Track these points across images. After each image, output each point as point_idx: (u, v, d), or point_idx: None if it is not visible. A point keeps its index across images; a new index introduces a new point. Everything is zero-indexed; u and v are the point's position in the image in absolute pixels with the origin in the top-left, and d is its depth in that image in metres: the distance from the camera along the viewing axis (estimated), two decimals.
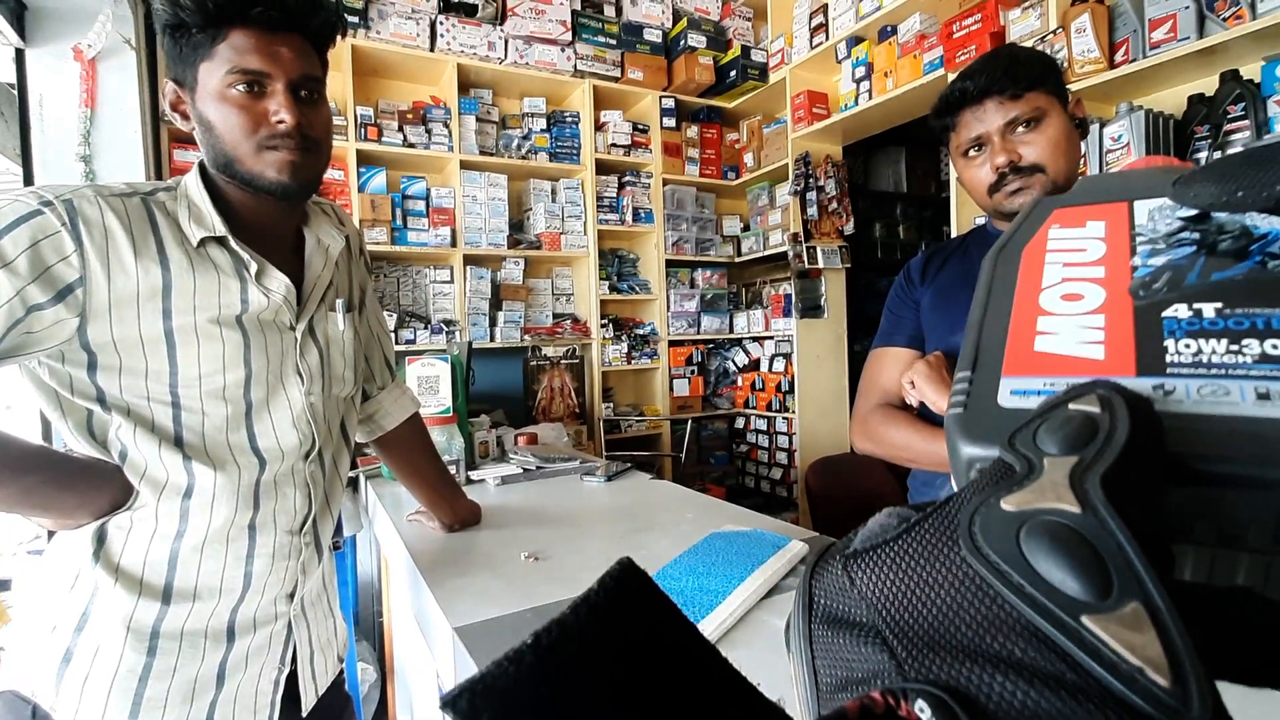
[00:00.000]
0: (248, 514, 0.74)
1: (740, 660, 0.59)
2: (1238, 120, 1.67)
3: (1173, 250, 0.23)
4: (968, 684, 0.14)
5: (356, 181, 2.73)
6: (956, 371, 0.24)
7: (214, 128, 0.70)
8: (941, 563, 0.16)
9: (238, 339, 0.73)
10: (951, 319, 1.00)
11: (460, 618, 0.78)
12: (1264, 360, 0.19)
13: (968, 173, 0.95)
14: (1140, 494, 0.16)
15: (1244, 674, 0.16)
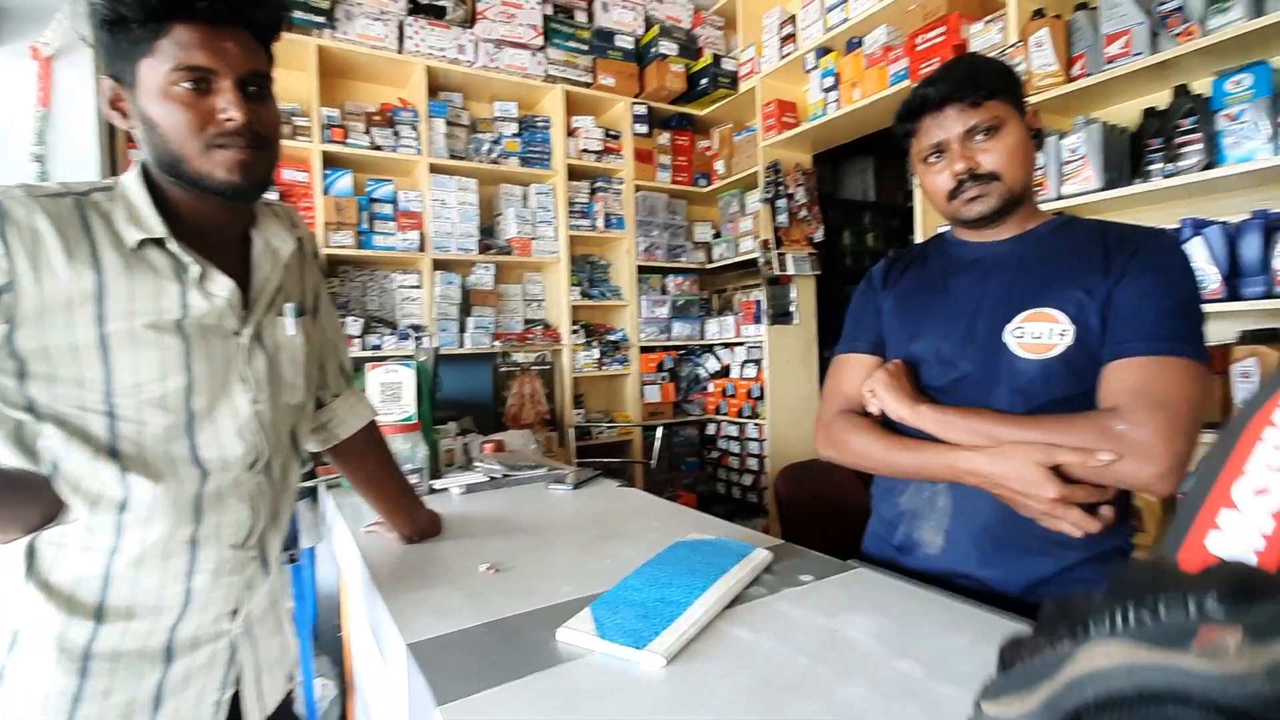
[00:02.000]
0: (188, 528, 0.71)
1: (701, 672, 0.57)
2: (1189, 133, 1.72)
3: None
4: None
5: (321, 184, 2.67)
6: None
7: (157, 126, 0.68)
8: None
9: (178, 345, 0.70)
10: (911, 325, 0.99)
11: (415, 633, 0.75)
12: None
13: (927, 178, 0.94)
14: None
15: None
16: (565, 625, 0.73)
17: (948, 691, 0.60)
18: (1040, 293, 0.87)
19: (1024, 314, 0.87)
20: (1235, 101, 1.65)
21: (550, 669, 0.65)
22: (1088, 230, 0.91)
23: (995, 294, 0.91)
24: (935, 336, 0.95)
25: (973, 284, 0.94)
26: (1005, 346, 0.87)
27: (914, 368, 0.96)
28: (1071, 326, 0.83)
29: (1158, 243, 0.85)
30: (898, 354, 0.99)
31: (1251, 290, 1.63)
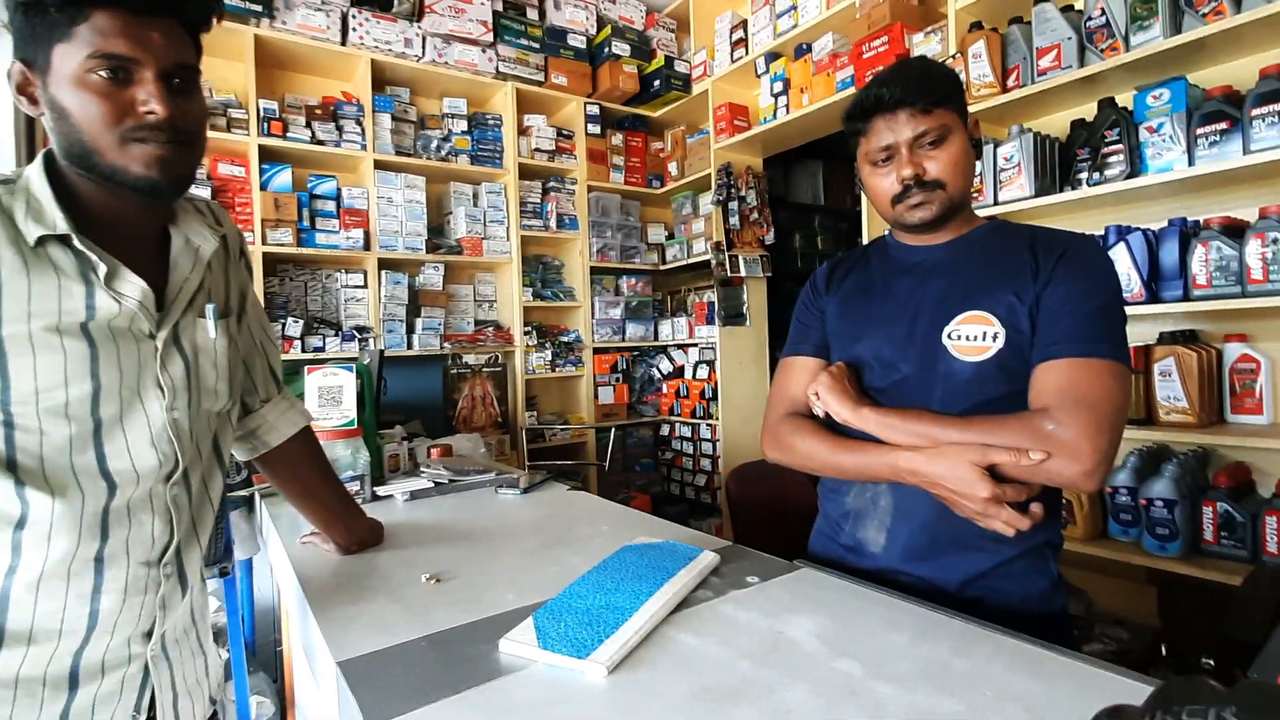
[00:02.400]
0: (93, 545, 0.66)
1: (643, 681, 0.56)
2: (1114, 144, 1.81)
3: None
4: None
5: (258, 178, 2.56)
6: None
7: (69, 116, 0.63)
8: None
9: (82, 349, 0.65)
10: (853, 328, 1.00)
11: (347, 650, 0.72)
12: None
13: (873, 180, 0.95)
14: None
15: None
16: (506, 636, 0.71)
17: (887, 690, 0.60)
18: (974, 296, 0.89)
19: (960, 317, 0.89)
20: (1155, 115, 1.75)
21: (489, 682, 0.63)
22: (1017, 235, 0.93)
23: (933, 297, 0.93)
24: (876, 339, 0.96)
25: (912, 287, 0.96)
26: (943, 348, 0.89)
27: (857, 369, 0.98)
28: (1003, 329, 0.86)
29: (1081, 247, 0.88)
30: (841, 356, 1.01)
31: (1170, 294, 1.73)
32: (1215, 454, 1.81)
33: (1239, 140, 1.61)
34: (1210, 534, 1.66)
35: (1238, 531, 1.62)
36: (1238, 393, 1.74)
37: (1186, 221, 1.75)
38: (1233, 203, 1.78)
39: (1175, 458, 1.73)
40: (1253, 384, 1.72)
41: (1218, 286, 1.65)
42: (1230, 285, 1.63)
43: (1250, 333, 1.76)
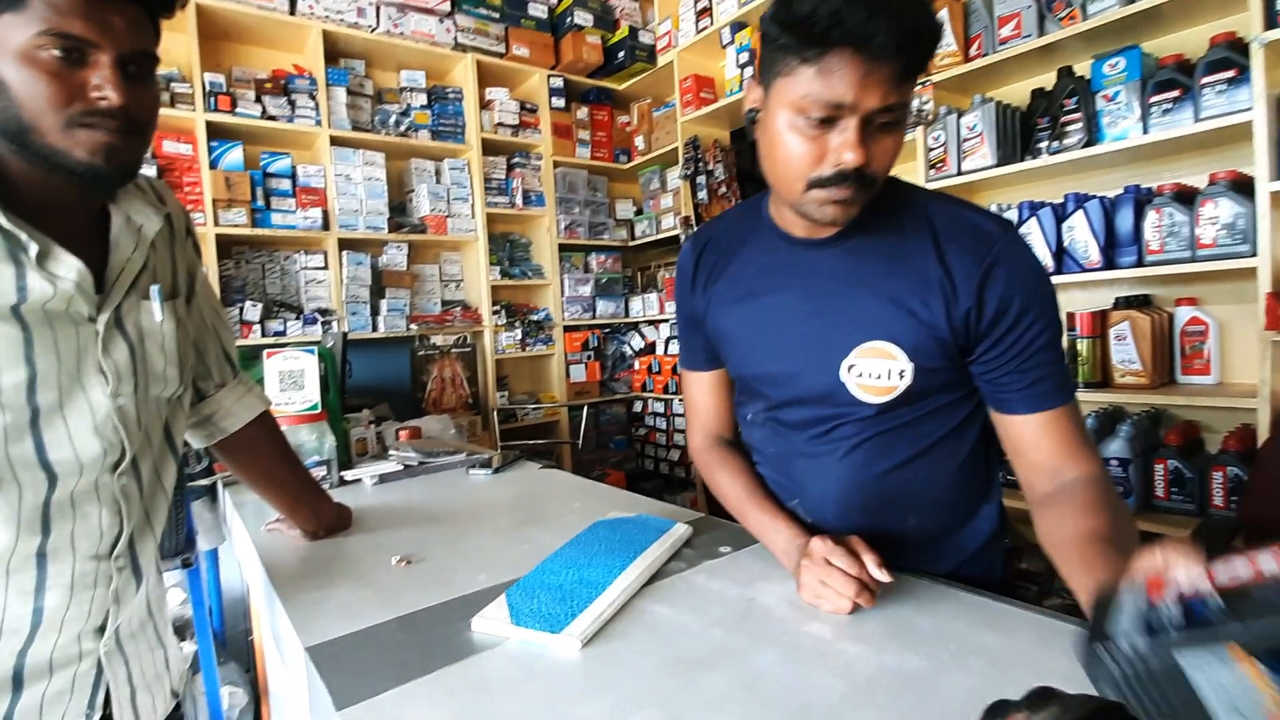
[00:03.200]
0: (34, 540, 0.63)
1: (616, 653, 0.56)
2: (1072, 113, 1.84)
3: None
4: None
5: (207, 156, 2.45)
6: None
7: (9, 90, 0.59)
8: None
9: (15, 334, 0.61)
10: (740, 344, 0.87)
11: (315, 635, 0.71)
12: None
13: (787, 140, 0.67)
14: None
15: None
16: (479, 614, 0.70)
17: (857, 650, 0.61)
18: (876, 321, 0.75)
19: (860, 348, 0.76)
20: (1112, 83, 1.77)
21: (461, 661, 0.63)
22: (914, 226, 0.75)
23: (826, 315, 0.78)
24: (767, 361, 0.84)
25: (799, 295, 0.80)
26: (842, 385, 0.77)
27: (746, 387, 0.91)
28: (909, 365, 0.74)
29: (1011, 253, 0.71)
30: (732, 372, 0.92)
31: (1125, 259, 1.77)
32: (1166, 413, 1.88)
33: (1190, 108, 1.64)
34: (1161, 490, 1.73)
35: (1187, 487, 1.70)
36: (1187, 354, 1.81)
37: (1140, 188, 1.79)
38: (1185, 169, 1.83)
39: (1130, 418, 1.79)
40: (1201, 345, 1.78)
41: (1169, 251, 1.70)
42: (1181, 250, 1.68)
43: (1200, 296, 1.82)
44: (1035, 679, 0.55)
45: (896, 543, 0.80)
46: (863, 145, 0.64)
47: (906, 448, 0.80)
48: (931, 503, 0.83)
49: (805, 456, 0.85)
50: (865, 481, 0.81)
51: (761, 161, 0.74)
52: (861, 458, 0.80)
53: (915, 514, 0.82)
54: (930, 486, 0.82)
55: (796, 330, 0.80)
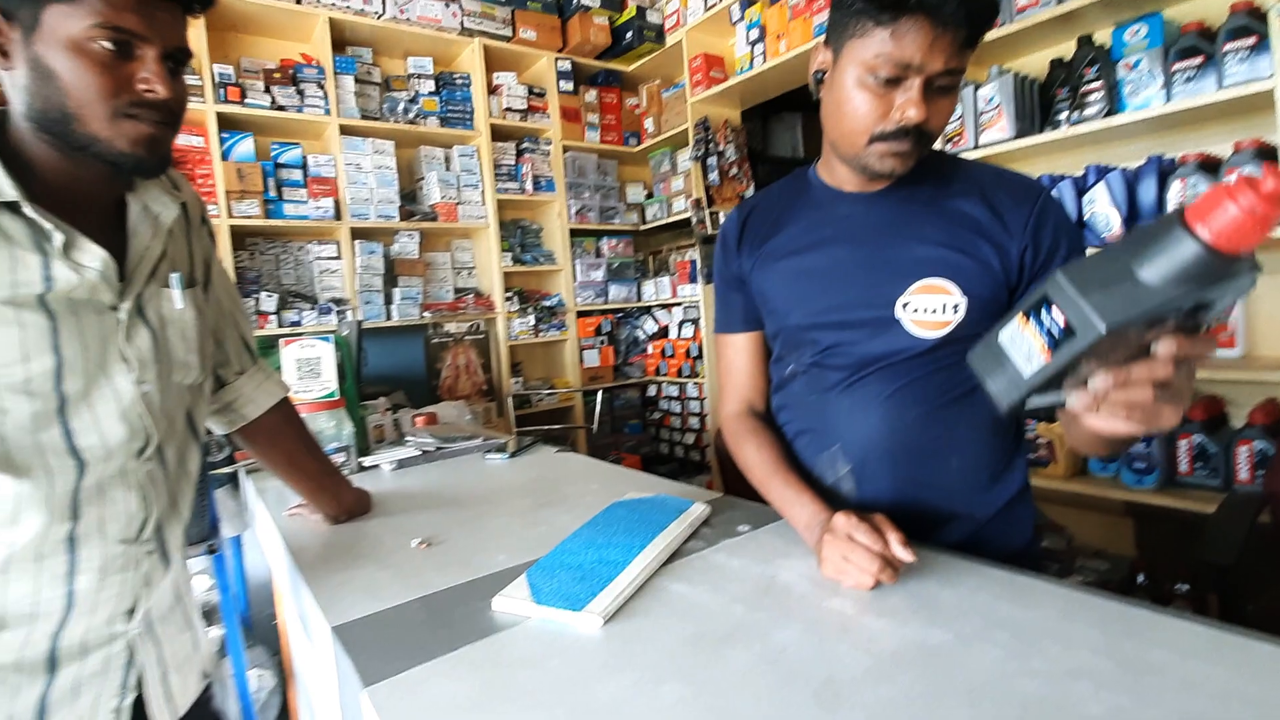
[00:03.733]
0: (64, 525, 0.64)
1: (638, 630, 0.56)
2: (1092, 82, 1.79)
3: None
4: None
5: (219, 148, 2.46)
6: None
7: (57, 78, 0.60)
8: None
9: (42, 323, 0.62)
10: (785, 295, 0.89)
11: (341, 615, 0.72)
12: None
13: (856, 97, 0.73)
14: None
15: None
16: (500, 594, 0.71)
17: (879, 625, 0.61)
18: (930, 261, 0.79)
19: (915, 285, 0.79)
20: (1133, 51, 1.73)
21: (484, 639, 0.63)
22: (959, 178, 0.83)
23: (880, 261, 0.82)
24: (815, 308, 0.86)
25: (852, 246, 0.84)
26: (897, 323, 0.80)
27: (791, 339, 0.91)
28: (964, 299, 0.78)
29: (1049, 200, 0.80)
30: (774, 327, 0.93)
31: None
32: None
33: (1213, 76, 1.59)
34: (1185, 465, 1.71)
35: (1211, 462, 1.67)
36: (1212, 327, 1.77)
37: (1164, 159, 1.75)
38: (1209, 139, 1.78)
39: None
40: (1227, 317, 1.75)
41: None
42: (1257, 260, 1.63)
43: None
44: (1062, 651, 0.55)
45: (939, 486, 0.83)
46: (924, 104, 0.71)
47: (948, 391, 0.82)
48: (971, 445, 0.84)
49: (849, 401, 0.85)
50: (910, 423, 0.83)
51: (825, 119, 0.81)
52: (905, 400, 0.82)
53: (958, 455, 0.84)
54: (970, 429, 0.83)
55: (849, 276, 0.84)
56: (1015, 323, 0.48)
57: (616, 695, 0.53)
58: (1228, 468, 1.65)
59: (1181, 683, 0.49)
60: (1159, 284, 0.41)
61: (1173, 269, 0.41)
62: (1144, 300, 0.41)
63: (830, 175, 0.89)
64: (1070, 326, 0.43)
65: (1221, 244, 0.39)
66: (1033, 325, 0.46)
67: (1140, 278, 0.41)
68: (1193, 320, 0.45)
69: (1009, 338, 0.49)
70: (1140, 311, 0.41)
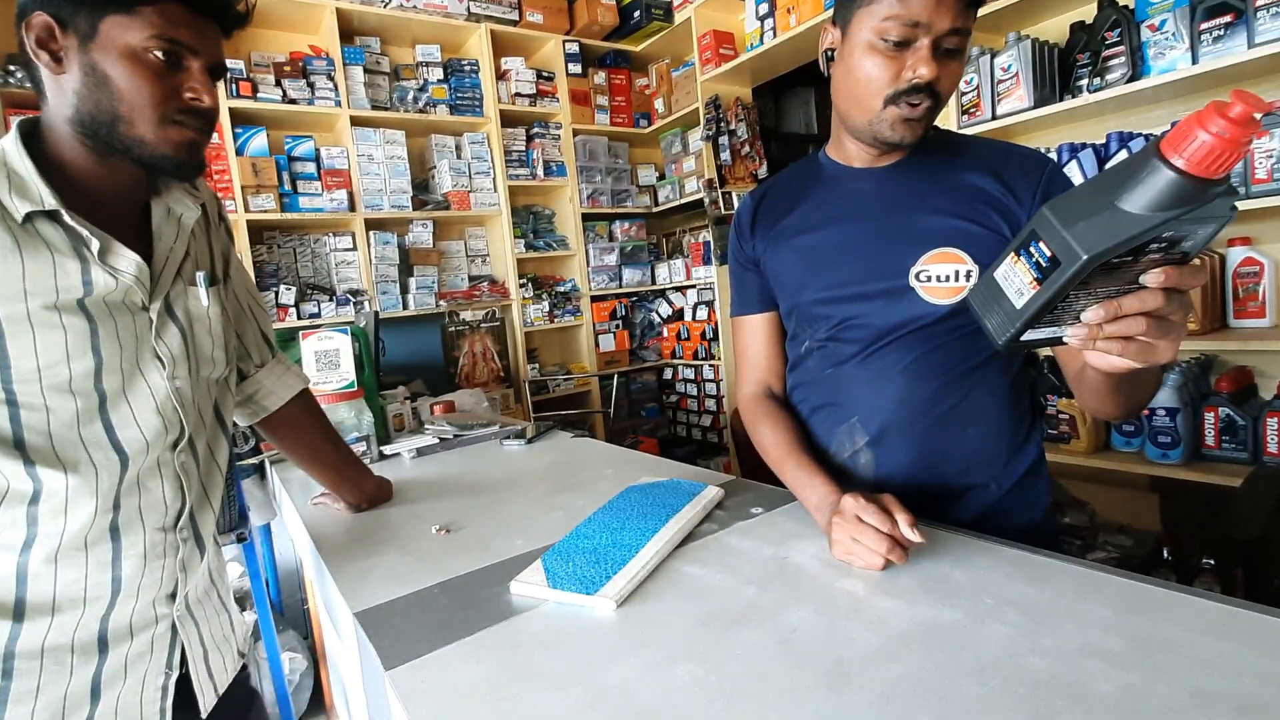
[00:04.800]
0: (108, 515, 0.68)
1: (651, 612, 0.57)
2: (1115, 46, 1.73)
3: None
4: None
5: (233, 143, 2.49)
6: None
7: (111, 84, 0.64)
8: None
9: (82, 325, 0.65)
10: (798, 272, 0.90)
11: (363, 600, 0.74)
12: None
13: (869, 61, 0.76)
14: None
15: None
16: (516, 579, 0.72)
17: (890, 605, 0.62)
18: (941, 230, 0.81)
19: (928, 254, 0.81)
20: (1158, 11, 1.66)
21: (502, 623, 0.65)
22: (964, 151, 0.85)
23: (893, 231, 0.83)
24: (828, 283, 0.87)
25: (864, 220, 0.86)
26: (912, 291, 0.81)
27: (806, 315, 0.91)
28: (975, 267, 0.79)
29: (1059, 175, 0.81)
30: (786, 305, 0.94)
31: None
32: (1217, 359, 1.81)
33: (1244, 34, 1.53)
34: (1212, 439, 1.68)
35: (1239, 434, 1.64)
36: (1240, 297, 1.72)
37: None
38: None
39: (1178, 366, 1.73)
40: (1256, 287, 1.70)
41: None
42: (1235, 186, 1.58)
43: (1255, 235, 1.73)
44: (1073, 629, 0.55)
45: (957, 457, 0.84)
46: (935, 61, 0.73)
47: (965, 360, 0.83)
48: (989, 415, 0.85)
49: (866, 373, 0.86)
50: (928, 393, 0.83)
51: (836, 94, 0.84)
52: (922, 370, 0.83)
53: (975, 426, 0.84)
54: (987, 399, 0.84)
55: (862, 249, 0.85)
56: (1008, 260, 0.49)
57: (630, 676, 0.54)
58: (1256, 440, 1.61)
59: (1193, 660, 0.49)
60: (1138, 212, 0.43)
61: (1151, 197, 0.42)
62: (1124, 228, 0.43)
63: (840, 154, 0.90)
64: (1055, 257, 0.45)
65: (1195, 169, 0.41)
66: (1023, 261, 0.48)
67: (1121, 207, 0.43)
68: (1178, 252, 0.47)
69: (1002, 275, 0.50)
70: (1120, 239, 0.43)
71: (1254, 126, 0.40)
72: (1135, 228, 0.43)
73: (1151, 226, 0.43)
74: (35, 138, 0.67)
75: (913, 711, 0.47)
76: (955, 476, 0.85)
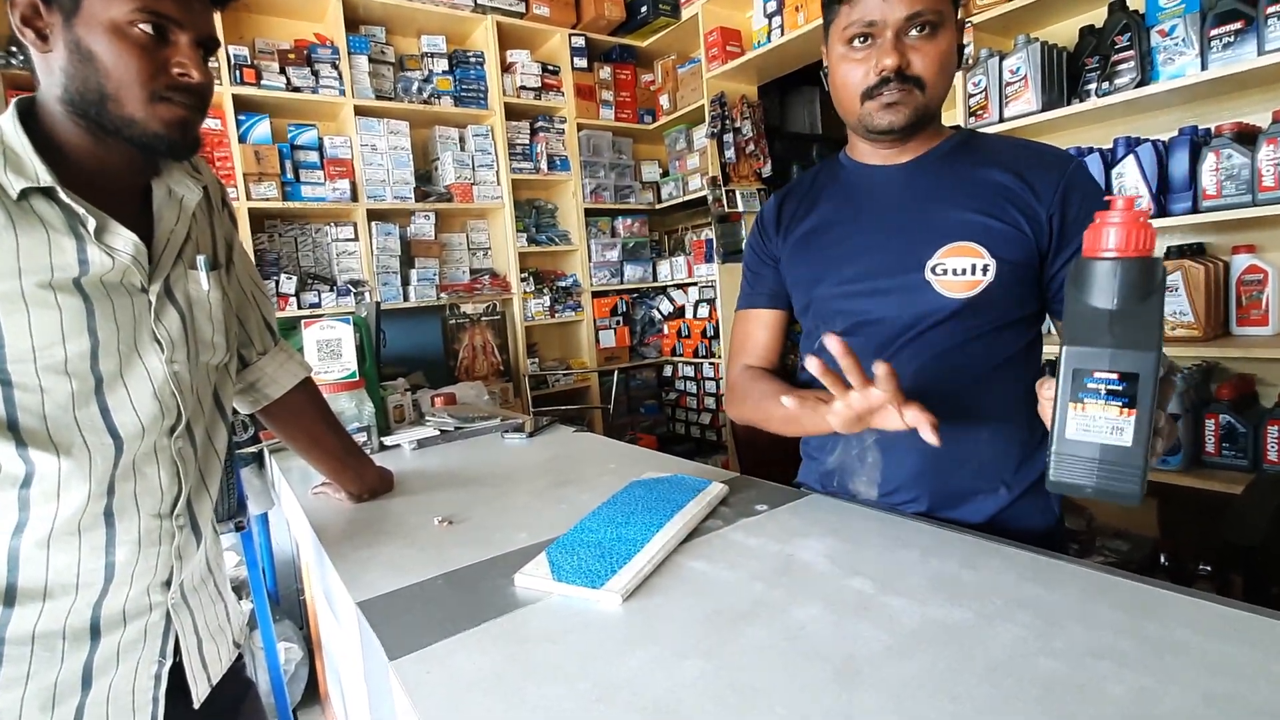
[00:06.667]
0: (102, 500, 0.66)
1: (657, 607, 0.57)
2: (1124, 50, 1.73)
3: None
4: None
5: (236, 130, 2.47)
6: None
7: (97, 61, 0.62)
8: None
9: (78, 305, 0.64)
10: (814, 268, 0.92)
11: (364, 591, 0.73)
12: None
13: (843, 67, 0.81)
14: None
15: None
16: (521, 571, 0.72)
17: (899, 604, 0.61)
18: (959, 224, 0.81)
19: (945, 248, 0.81)
20: (1168, 17, 1.66)
21: (506, 615, 0.65)
22: (990, 150, 0.86)
23: (910, 225, 0.84)
24: (843, 277, 0.88)
25: (881, 214, 0.87)
26: (927, 284, 0.82)
27: (822, 310, 0.91)
28: (992, 261, 0.79)
29: (1078, 168, 0.81)
30: (801, 301, 0.95)
31: (1179, 206, 1.69)
32: (1219, 367, 1.81)
33: (1254, 41, 1.53)
34: (1212, 445, 1.68)
35: (1239, 442, 1.64)
36: (1244, 304, 1.72)
37: (1198, 130, 1.69)
38: (1246, 108, 1.71)
39: (1179, 373, 1.73)
40: (1259, 295, 1.70)
41: (1227, 196, 1.60)
42: (1240, 194, 1.59)
43: (1259, 243, 1.73)
44: (1084, 631, 0.54)
45: (969, 458, 0.84)
46: (896, 50, 0.77)
47: (981, 363, 0.83)
48: (1002, 418, 0.84)
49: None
50: (941, 395, 0.82)
51: (834, 103, 0.88)
52: (937, 371, 0.83)
53: (988, 428, 0.84)
54: (1001, 402, 0.84)
55: (878, 243, 0.86)
56: (1071, 415, 0.47)
57: (637, 670, 0.54)
58: (1256, 448, 1.62)
59: (1205, 663, 0.49)
60: (1121, 304, 0.47)
61: (1120, 287, 0.47)
62: (1148, 315, 0.46)
63: (856, 153, 0.93)
64: (1126, 374, 0.45)
65: (1120, 251, 0.47)
66: (1092, 402, 0.46)
67: (1115, 309, 0.46)
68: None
69: (1077, 432, 0.47)
70: (1155, 324, 0.46)
71: (1139, 211, 0.48)
72: (1154, 311, 0.45)
73: (1157, 306, 0.45)
74: (32, 117, 0.66)
75: (925, 711, 0.46)
76: (965, 479, 0.84)
